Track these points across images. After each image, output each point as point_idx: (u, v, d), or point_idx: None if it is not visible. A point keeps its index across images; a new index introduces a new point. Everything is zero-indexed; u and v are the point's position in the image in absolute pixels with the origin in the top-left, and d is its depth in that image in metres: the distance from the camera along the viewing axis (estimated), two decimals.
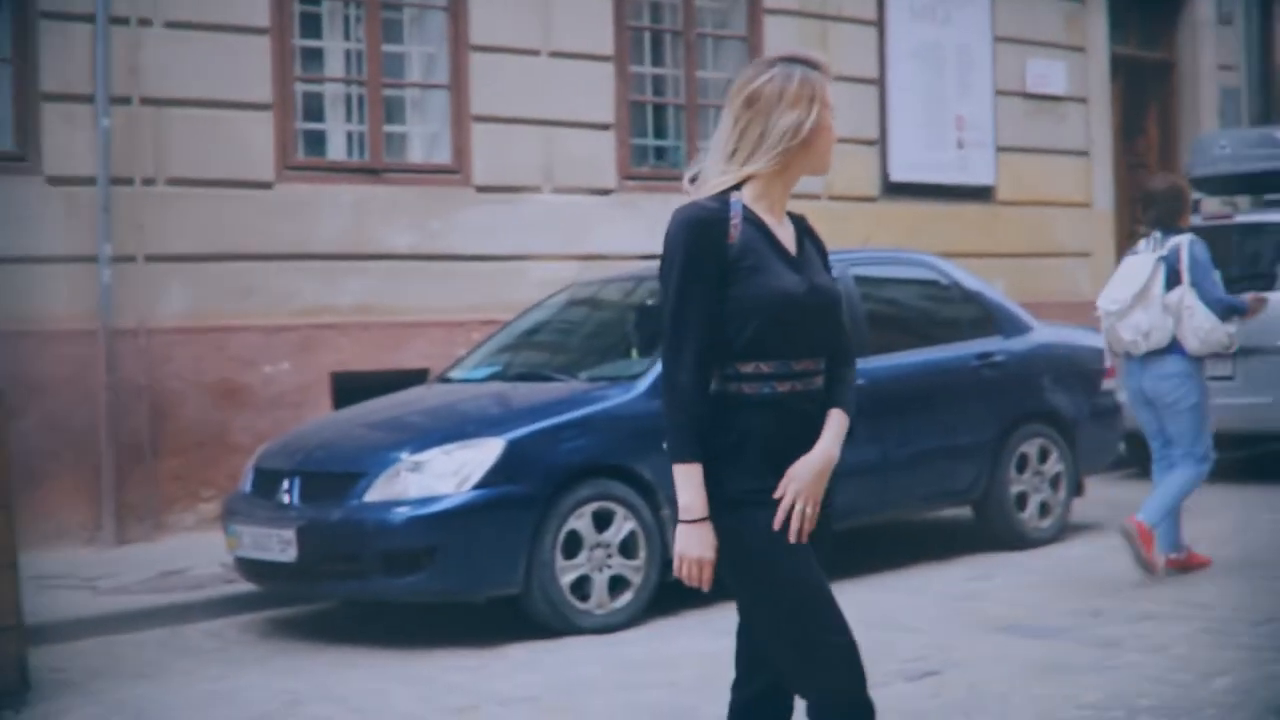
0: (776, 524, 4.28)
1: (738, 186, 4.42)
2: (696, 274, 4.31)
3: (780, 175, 4.44)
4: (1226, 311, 9.81)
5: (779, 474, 4.33)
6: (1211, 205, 15.88)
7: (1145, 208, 10.15)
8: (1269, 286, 13.78)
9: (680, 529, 4.35)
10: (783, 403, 4.34)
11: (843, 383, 4.51)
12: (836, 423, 4.45)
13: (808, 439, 4.39)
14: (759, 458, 4.32)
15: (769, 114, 4.41)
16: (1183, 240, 9.83)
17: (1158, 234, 9.93)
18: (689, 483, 4.30)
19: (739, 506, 4.31)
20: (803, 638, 4.34)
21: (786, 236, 4.48)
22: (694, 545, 4.34)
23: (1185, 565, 9.99)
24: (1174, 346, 9.76)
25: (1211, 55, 20.43)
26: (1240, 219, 14.91)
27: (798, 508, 4.30)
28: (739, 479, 4.32)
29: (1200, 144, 16.13)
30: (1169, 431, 9.95)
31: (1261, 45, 20.96)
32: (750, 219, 4.39)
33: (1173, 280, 9.74)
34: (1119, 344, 9.96)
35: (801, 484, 4.32)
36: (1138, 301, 9.73)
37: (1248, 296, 10.13)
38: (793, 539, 4.29)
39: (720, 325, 4.31)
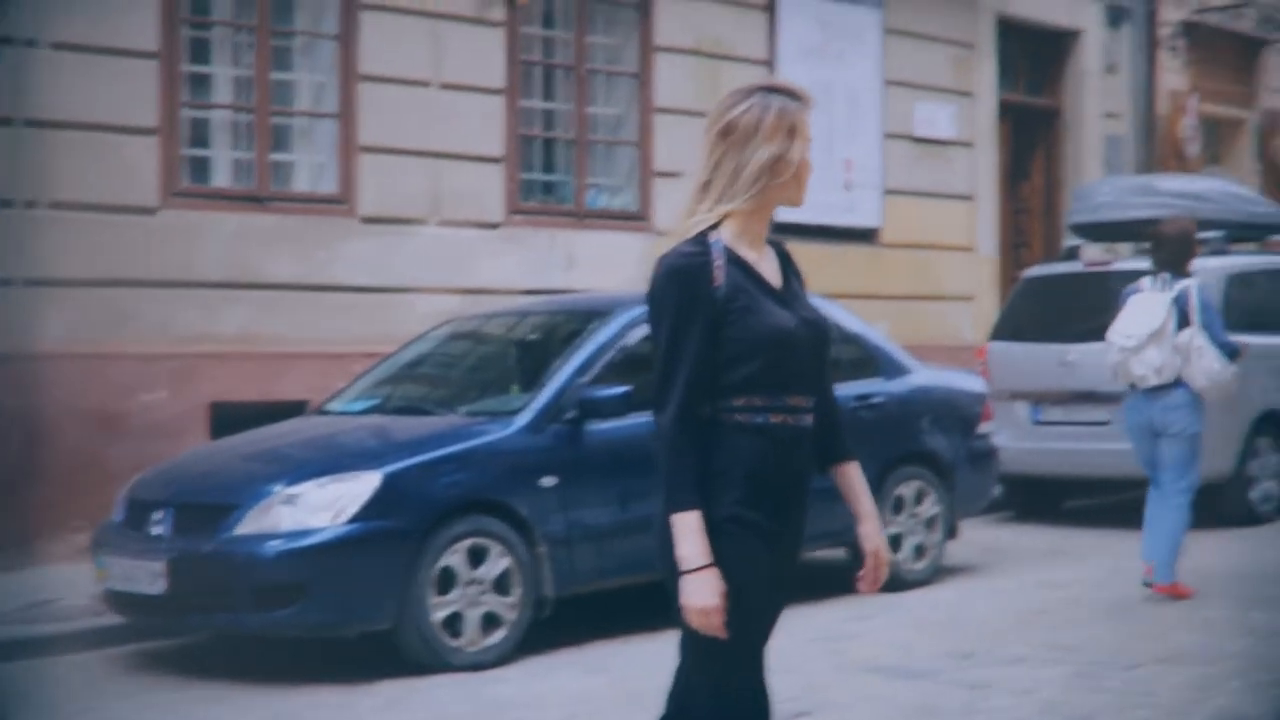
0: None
1: (716, 224, 4.40)
2: (686, 323, 4.29)
3: (759, 210, 4.43)
4: (1230, 353, 10.51)
5: (762, 503, 4.32)
6: (1092, 252, 16.04)
7: (1155, 249, 10.77)
8: None
9: (684, 580, 4.24)
10: (774, 432, 4.34)
11: (841, 429, 4.62)
12: (861, 476, 4.66)
13: (794, 472, 4.39)
14: (745, 483, 4.30)
15: (744, 147, 4.41)
16: (1191, 284, 10.53)
17: (1166, 275, 10.58)
18: (688, 532, 4.24)
19: (716, 531, 4.26)
20: (724, 680, 4.36)
21: (770, 271, 4.48)
22: (700, 594, 4.23)
23: (1173, 593, 10.47)
24: (1179, 381, 10.44)
25: (1097, 103, 20.67)
26: (1119, 266, 15.07)
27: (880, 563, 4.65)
28: (722, 502, 4.29)
29: (1082, 191, 16.32)
30: (1166, 459, 10.58)
31: (1146, 94, 21.26)
32: (733, 259, 4.37)
33: (1182, 321, 10.42)
34: (1128, 377, 10.61)
35: (876, 546, 4.65)
36: (1152, 339, 10.41)
37: (1239, 343, 10.81)
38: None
39: (713, 367, 4.30)
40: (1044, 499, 15.24)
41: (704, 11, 15.90)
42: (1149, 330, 10.43)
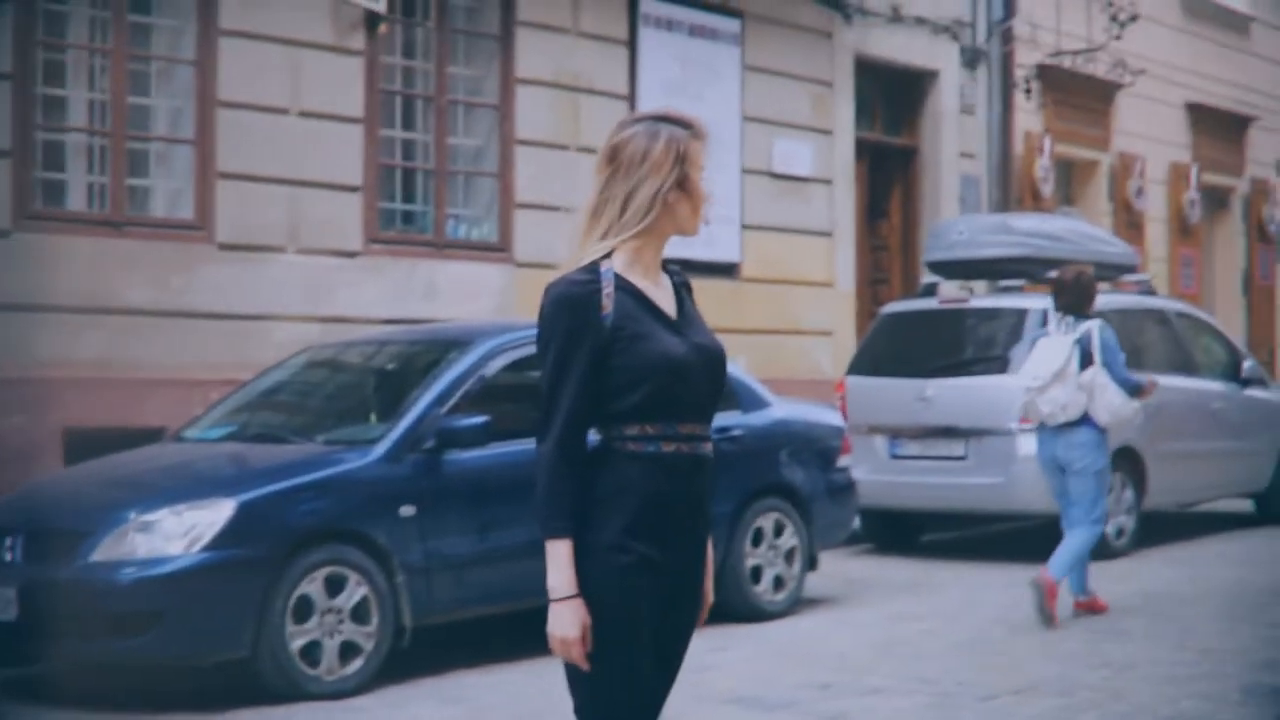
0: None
1: (609, 254, 4.35)
2: (571, 351, 4.26)
3: (651, 238, 4.39)
4: (1132, 390, 11.18)
5: (649, 531, 4.26)
6: (948, 289, 16.22)
7: (1056, 294, 11.40)
8: (1003, 369, 14.13)
9: (551, 609, 4.22)
10: (666, 460, 4.29)
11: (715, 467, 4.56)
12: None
13: (689, 502, 4.34)
14: (632, 512, 4.25)
15: (631, 175, 4.36)
16: (1093, 325, 11.19)
17: (1070, 319, 11.25)
18: (557, 559, 4.22)
19: (596, 558, 4.23)
20: (591, 707, 4.32)
21: (664, 298, 4.43)
22: (563, 624, 4.22)
23: (1091, 607, 11.26)
24: (1085, 419, 11.04)
25: (954, 143, 20.89)
26: (976, 303, 15.25)
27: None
28: (605, 529, 4.24)
29: (938, 229, 16.49)
30: (1072, 494, 11.18)
31: (1002, 135, 21.53)
32: (623, 286, 4.33)
33: (1085, 360, 11.04)
34: (1037, 415, 11.21)
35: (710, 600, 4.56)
36: (1056, 379, 10.99)
37: (1145, 379, 11.47)
38: None
39: (602, 395, 4.28)
40: (902, 532, 15.36)
41: (564, 45, 15.91)
42: (1053, 370, 11.00)
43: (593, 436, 4.35)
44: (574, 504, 4.24)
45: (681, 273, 4.58)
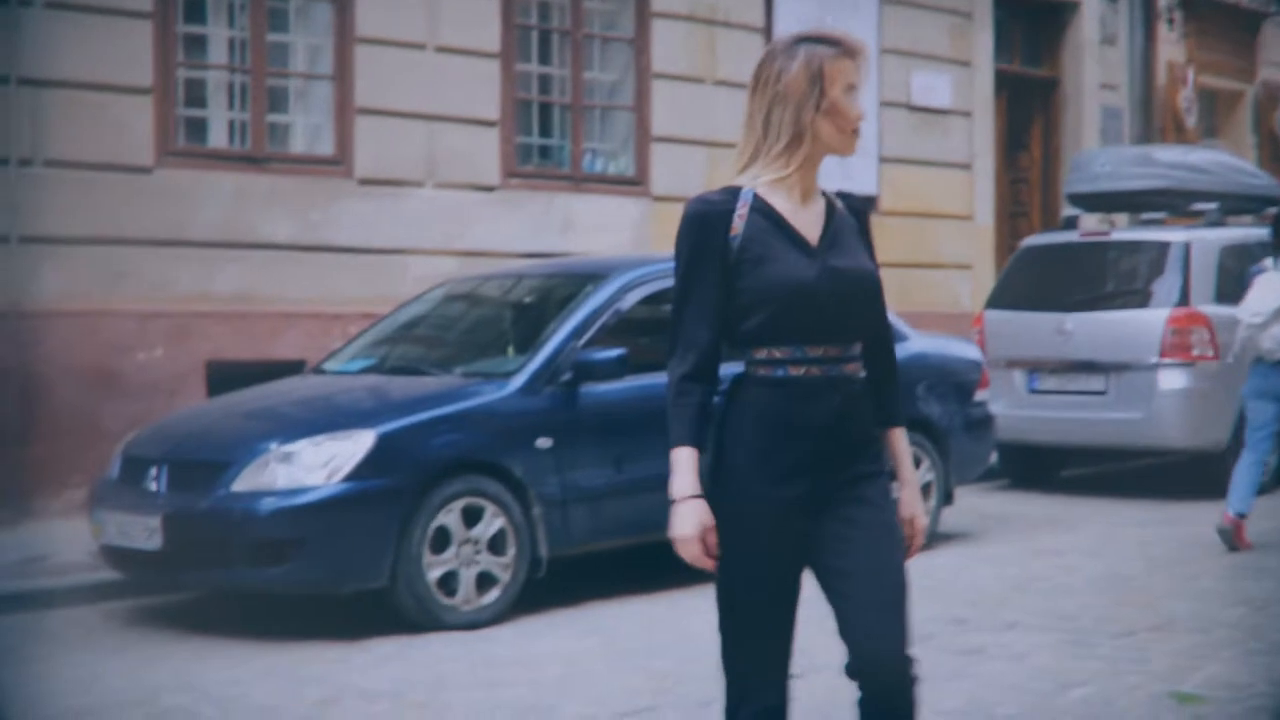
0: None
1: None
2: (698, 269, 4.30)
3: (797, 160, 4.34)
4: None
5: (780, 459, 4.26)
6: (1089, 222, 16.05)
7: (1276, 230, 11.42)
8: (1144, 304, 13.98)
9: (672, 511, 4.25)
10: (796, 384, 4.27)
11: (891, 388, 4.54)
12: (906, 445, 4.55)
13: (827, 424, 4.29)
14: (762, 438, 4.26)
15: (766, 98, 4.34)
16: None
17: None
18: (678, 466, 4.23)
19: (728, 481, 4.27)
20: (725, 632, 4.37)
21: (807, 221, 4.38)
22: (683, 524, 4.22)
23: (1237, 526, 11.25)
24: None
25: (1095, 74, 20.66)
26: (1117, 236, 15.08)
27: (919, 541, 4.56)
28: (734, 455, 4.27)
29: (1080, 161, 16.30)
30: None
31: (1144, 67, 21.25)
32: (759, 208, 4.31)
33: None
34: (1256, 349, 11.24)
35: (917, 520, 4.54)
36: (1276, 316, 11.02)
37: None
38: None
39: (731, 318, 4.29)
40: (1040, 467, 15.23)
41: None
42: (1273, 307, 11.00)
43: (735, 364, 4.37)
44: (696, 415, 4.25)
45: (856, 198, 4.56)
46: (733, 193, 4.33)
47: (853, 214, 4.51)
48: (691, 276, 4.30)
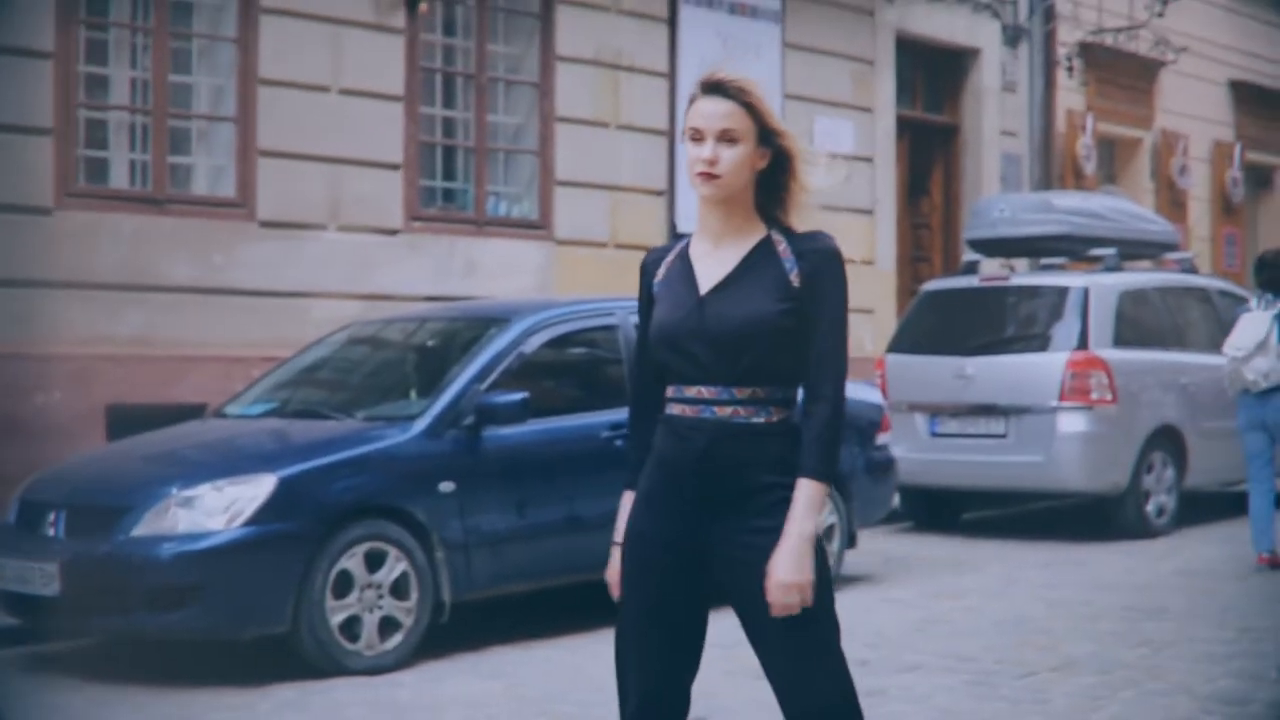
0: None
1: None
2: (641, 315, 4.57)
3: (703, 202, 4.43)
4: None
5: (658, 491, 4.41)
6: (990, 267, 16.18)
7: (1259, 271, 12.47)
8: (1043, 348, 14.12)
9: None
10: (674, 422, 4.40)
11: (809, 436, 4.32)
12: (803, 497, 4.27)
13: (688, 464, 4.33)
14: (650, 473, 4.44)
15: None
16: None
17: (1269, 295, 12.22)
18: (620, 509, 4.53)
19: (632, 512, 4.50)
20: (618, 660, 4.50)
21: (715, 264, 4.41)
22: (610, 568, 4.56)
23: (1275, 562, 12.21)
24: None
25: (995, 121, 20.86)
26: (1017, 281, 15.21)
27: (785, 602, 4.26)
28: (639, 490, 4.49)
29: (980, 207, 16.46)
30: (1273, 454, 12.38)
31: (1044, 114, 21.47)
32: (683, 253, 4.50)
33: None
34: (1241, 382, 12.21)
35: (777, 580, 4.25)
36: (1259, 350, 12.03)
37: None
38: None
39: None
40: (942, 510, 15.33)
41: (605, 22, 15.92)
42: (1255, 342, 12.04)
43: None
44: (634, 459, 4.54)
45: (812, 243, 4.49)
46: (678, 239, 4.62)
47: (801, 257, 4.43)
48: (639, 318, 4.58)
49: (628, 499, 4.50)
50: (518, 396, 9.68)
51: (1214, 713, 7.76)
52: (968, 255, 16.08)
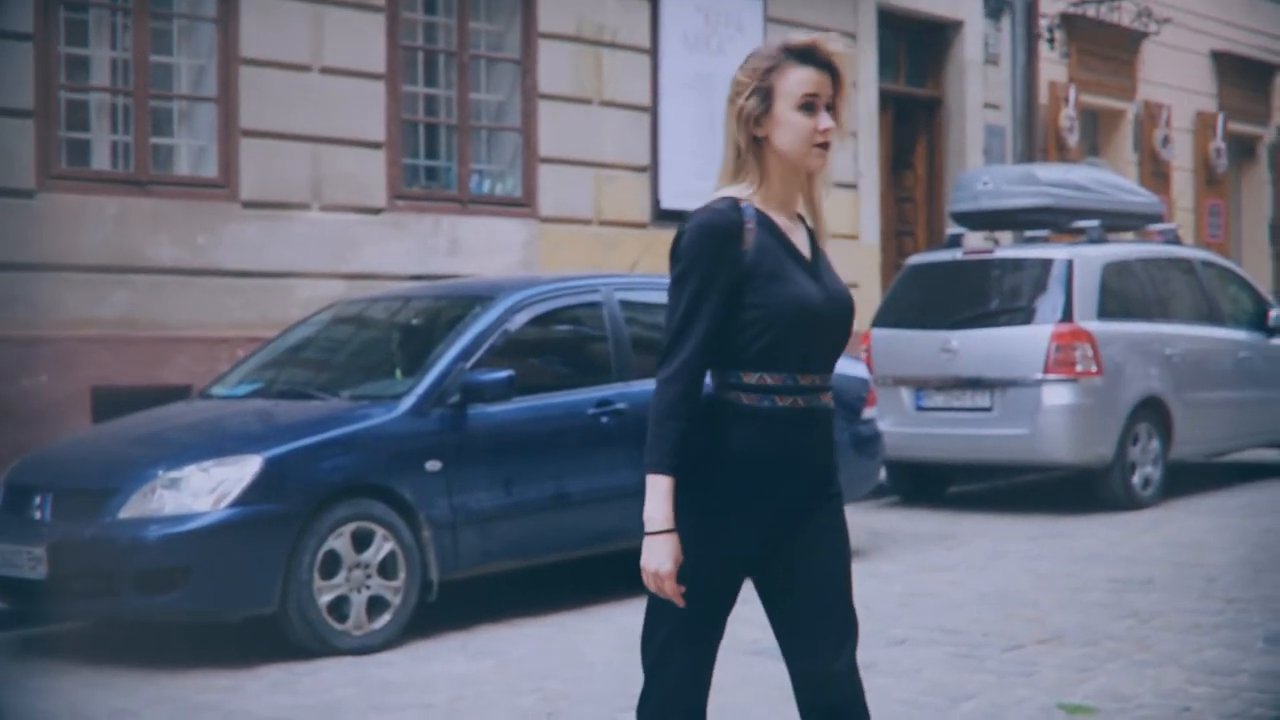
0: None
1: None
2: (710, 282, 4.10)
3: (771, 176, 4.24)
4: None
5: (753, 491, 4.18)
6: (974, 240, 16.18)
7: None
8: (1028, 320, 14.13)
9: (645, 541, 4.14)
10: (783, 416, 4.18)
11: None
12: None
13: (804, 459, 4.23)
14: (743, 474, 4.17)
15: (730, 112, 4.24)
16: None
17: None
18: (656, 494, 4.11)
19: (687, 513, 4.15)
20: (660, 637, 4.30)
21: (801, 240, 4.30)
22: (654, 558, 4.12)
23: None
24: None
25: (978, 94, 20.85)
26: (1001, 254, 15.22)
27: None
28: (702, 490, 4.17)
29: (963, 180, 16.44)
30: None
31: (1027, 86, 21.46)
32: (764, 222, 4.20)
33: None
34: None
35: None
36: None
37: None
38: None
39: (729, 334, 4.15)
40: (928, 484, 15.34)
41: None
42: None
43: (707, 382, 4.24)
44: (678, 442, 4.11)
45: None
46: (733, 204, 4.18)
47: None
48: (704, 287, 4.11)
49: (669, 486, 4.11)
50: (503, 374, 9.67)
51: (1201, 683, 7.78)
52: (951, 229, 16.09)
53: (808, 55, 4.24)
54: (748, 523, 4.22)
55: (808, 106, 4.21)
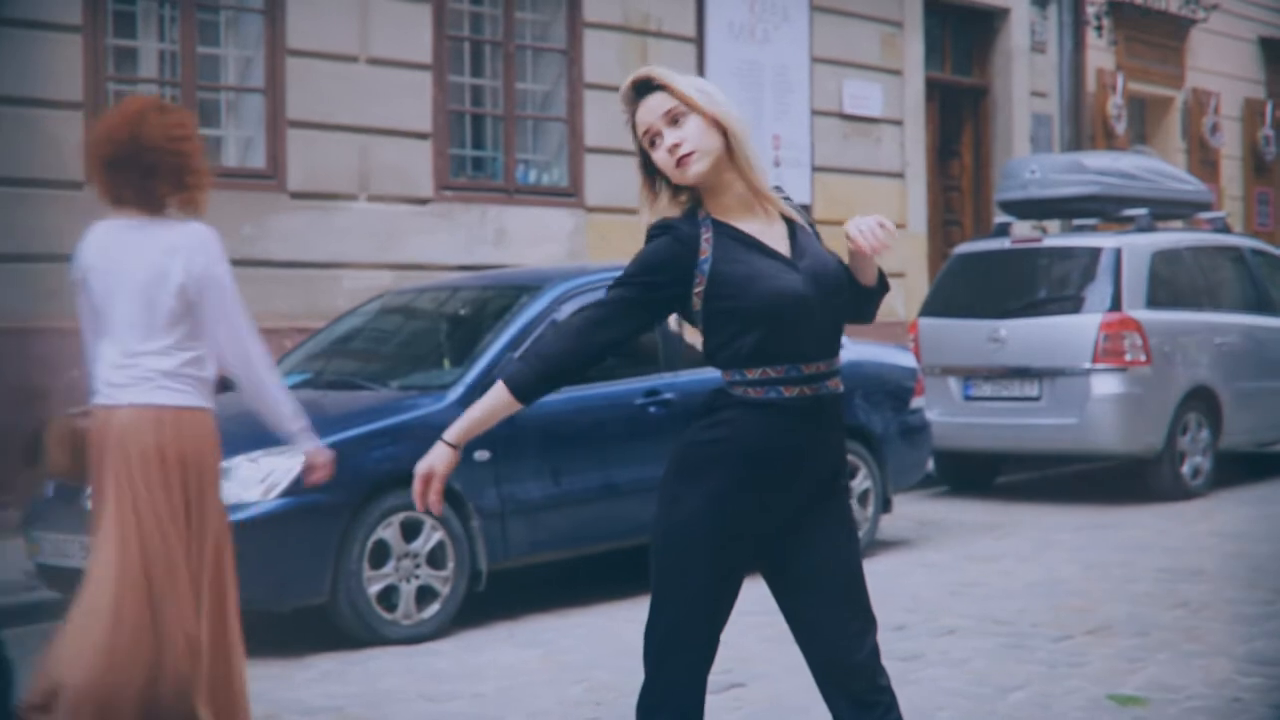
0: None
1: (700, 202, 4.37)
2: (641, 281, 4.31)
3: (706, 192, 4.37)
4: None
5: (765, 483, 4.23)
6: (1021, 229, 16.12)
7: None
8: (1077, 309, 14.07)
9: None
10: (788, 409, 4.24)
11: None
12: None
13: (807, 447, 4.28)
14: (749, 466, 4.22)
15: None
16: None
17: None
18: (475, 406, 4.35)
19: (682, 503, 4.26)
20: (658, 634, 4.36)
21: (776, 235, 4.36)
22: (425, 460, 4.34)
23: None
24: None
25: (1025, 82, 20.77)
26: (1049, 243, 15.15)
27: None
28: (698, 484, 4.24)
29: (1010, 168, 16.37)
30: None
31: (1074, 74, 21.38)
32: (723, 229, 4.30)
33: None
34: None
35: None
36: None
37: None
38: None
39: (723, 338, 4.25)
40: (976, 474, 15.29)
41: None
42: None
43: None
44: (545, 372, 4.42)
45: (790, 200, 4.52)
46: (688, 218, 4.32)
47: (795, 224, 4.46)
48: (629, 293, 4.34)
49: (490, 396, 4.33)
50: None
51: (1251, 674, 7.74)
52: (999, 217, 16.02)
53: (640, 90, 4.54)
54: (760, 514, 4.28)
55: (652, 140, 4.45)
